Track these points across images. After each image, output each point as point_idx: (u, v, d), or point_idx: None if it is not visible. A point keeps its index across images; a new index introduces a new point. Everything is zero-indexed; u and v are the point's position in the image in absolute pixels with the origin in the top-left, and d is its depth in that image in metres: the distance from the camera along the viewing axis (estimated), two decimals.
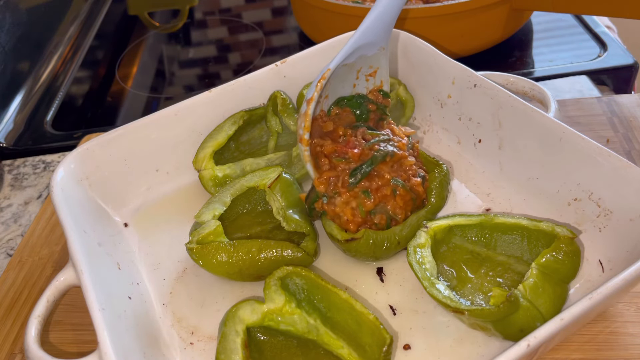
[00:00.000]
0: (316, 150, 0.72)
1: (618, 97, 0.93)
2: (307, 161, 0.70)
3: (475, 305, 0.60)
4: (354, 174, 0.68)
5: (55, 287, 0.64)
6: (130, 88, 1.25)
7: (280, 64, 0.87)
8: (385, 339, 0.58)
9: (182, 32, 1.45)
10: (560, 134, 0.69)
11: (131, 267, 0.73)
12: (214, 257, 0.67)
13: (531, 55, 1.15)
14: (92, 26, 1.47)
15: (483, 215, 0.69)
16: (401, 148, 0.71)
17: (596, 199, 0.67)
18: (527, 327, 0.51)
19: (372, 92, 0.78)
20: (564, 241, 0.63)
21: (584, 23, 1.19)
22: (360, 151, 0.69)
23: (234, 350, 0.58)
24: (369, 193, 0.68)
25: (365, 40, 0.72)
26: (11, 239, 0.88)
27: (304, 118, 0.69)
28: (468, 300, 0.63)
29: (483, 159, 0.80)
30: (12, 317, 0.72)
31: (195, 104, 0.82)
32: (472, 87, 0.79)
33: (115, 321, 0.59)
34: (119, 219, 0.80)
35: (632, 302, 0.64)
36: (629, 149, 0.84)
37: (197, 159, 0.81)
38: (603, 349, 0.61)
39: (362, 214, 0.67)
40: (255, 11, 1.49)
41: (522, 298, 0.58)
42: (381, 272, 0.70)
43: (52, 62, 1.33)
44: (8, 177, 1.01)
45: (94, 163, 0.78)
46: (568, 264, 0.62)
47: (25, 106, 1.20)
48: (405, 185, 0.68)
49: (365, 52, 0.74)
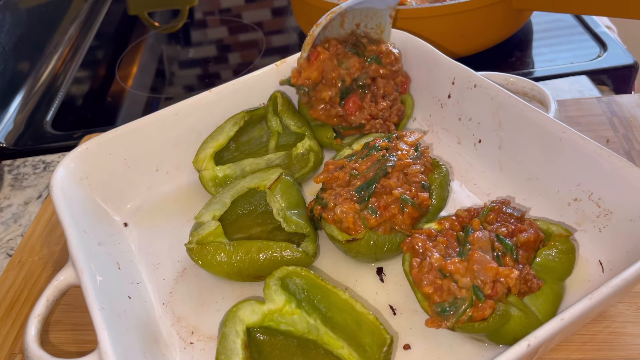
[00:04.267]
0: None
1: (618, 97, 0.93)
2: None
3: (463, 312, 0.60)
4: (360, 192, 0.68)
5: (55, 287, 0.64)
6: (130, 88, 1.25)
7: (280, 64, 0.87)
8: (385, 339, 0.58)
9: (182, 32, 1.45)
10: (560, 134, 0.69)
11: (131, 267, 0.73)
12: (213, 258, 0.67)
13: (531, 55, 1.14)
14: (92, 26, 1.47)
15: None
16: (403, 157, 0.71)
17: (596, 199, 0.67)
18: (520, 336, 0.51)
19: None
20: (559, 239, 0.63)
21: (583, 23, 1.19)
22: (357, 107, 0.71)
23: (234, 351, 0.58)
24: (376, 211, 0.67)
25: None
26: (11, 239, 0.88)
27: (308, 38, 0.80)
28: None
29: (483, 159, 0.80)
30: (12, 317, 0.72)
31: (195, 104, 0.82)
32: (472, 87, 0.79)
33: (115, 321, 0.59)
34: (118, 218, 0.80)
35: (632, 302, 0.64)
36: (629, 149, 0.84)
37: (197, 159, 0.81)
38: (603, 349, 0.61)
39: (365, 227, 0.67)
40: (255, 11, 1.49)
41: (513, 307, 0.58)
42: (381, 272, 0.70)
43: (52, 62, 1.33)
44: (8, 177, 1.01)
45: (94, 163, 0.78)
46: (564, 261, 0.62)
47: (25, 106, 1.20)
48: (414, 203, 0.67)
49: (374, 4, 0.78)
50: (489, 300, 0.57)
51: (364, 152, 0.74)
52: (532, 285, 0.59)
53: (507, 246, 0.61)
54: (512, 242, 0.62)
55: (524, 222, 0.64)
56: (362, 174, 0.70)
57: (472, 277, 0.57)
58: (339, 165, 0.73)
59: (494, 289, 0.57)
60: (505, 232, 0.62)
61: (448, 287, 0.58)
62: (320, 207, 0.70)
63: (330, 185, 0.72)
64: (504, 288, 0.58)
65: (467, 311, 0.56)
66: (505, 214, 0.65)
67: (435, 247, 0.62)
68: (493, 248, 0.60)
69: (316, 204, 0.71)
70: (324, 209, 0.70)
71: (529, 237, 0.62)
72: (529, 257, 0.62)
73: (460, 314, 0.57)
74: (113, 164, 0.79)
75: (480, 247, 0.60)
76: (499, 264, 0.59)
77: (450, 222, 0.65)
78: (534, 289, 0.60)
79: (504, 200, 0.67)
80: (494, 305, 0.56)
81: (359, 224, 0.67)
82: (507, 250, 0.61)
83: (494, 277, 0.57)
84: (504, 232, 0.62)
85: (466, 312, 0.56)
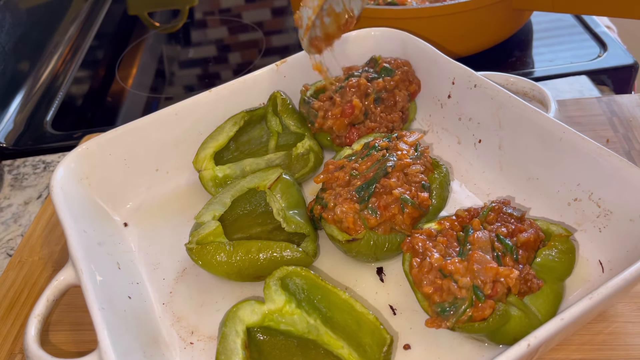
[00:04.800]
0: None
1: (618, 97, 0.93)
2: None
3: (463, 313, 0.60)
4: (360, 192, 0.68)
5: (55, 287, 0.64)
6: (130, 88, 1.25)
7: (280, 64, 0.87)
8: (385, 339, 0.58)
9: (182, 32, 1.45)
10: (560, 134, 0.69)
11: (131, 267, 0.73)
12: (213, 258, 0.67)
13: (531, 55, 1.14)
14: (92, 26, 1.47)
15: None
16: (403, 157, 0.71)
17: (596, 199, 0.67)
18: (520, 336, 0.51)
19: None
20: (559, 239, 0.63)
21: (583, 23, 1.19)
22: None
23: (234, 351, 0.58)
24: (376, 211, 0.67)
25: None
26: (11, 239, 0.88)
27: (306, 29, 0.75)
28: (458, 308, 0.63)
29: (483, 159, 0.80)
30: (12, 317, 0.72)
31: (195, 104, 0.82)
32: (472, 87, 0.79)
33: (115, 321, 0.59)
34: (118, 218, 0.80)
35: (632, 302, 0.64)
36: (628, 149, 0.84)
37: (197, 159, 0.81)
38: (603, 349, 0.61)
39: (365, 227, 0.67)
40: (255, 11, 1.49)
41: (513, 307, 0.58)
42: (381, 272, 0.70)
43: (52, 62, 1.33)
44: (8, 177, 1.01)
45: (94, 163, 0.78)
46: (564, 261, 0.62)
47: (25, 106, 1.20)
48: (414, 203, 0.67)
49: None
50: (489, 300, 0.57)
51: (364, 152, 0.74)
52: (532, 285, 0.59)
53: (507, 246, 0.61)
54: (512, 242, 0.62)
55: (524, 222, 0.64)
56: (362, 174, 0.70)
57: (472, 277, 0.57)
58: (339, 165, 0.73)
59: (494, 289, 0.57)
60: (505, 232, 0.62)
61: (448, 287, 0.58)
62: (320, 207, 0.70)
63: (330, 185, 0.72)
64: (504, 288, 0.58)
65: (467, 311, 0.56)
66: (506, 214, 0.65)
67: (435, 247, 0.62)
68: (493, 248, 0.60)
69: (316, 204, 0.71)
70: (324, 209, 0.70)
71: (529, 237, 0.62)
72: (529, 257, 0.62)
73: (460, 314, 0.57)
74: (113, 164, 0.79)
75: (480, 247, 0.60)
76: (499, 264, 0.59)
77: (451, 222, 0.65)
78: (534, 289, 0.59)
79: (504, 200, 0.67)
80: (494, 305, 0.56)
81: (359, 224, 0.67)
82: (507, 250, 0.61)
83: (494, 277, 0.57)
84: (504, 232, 0.62)
85: (466, 312, 0.56)
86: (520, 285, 0.59)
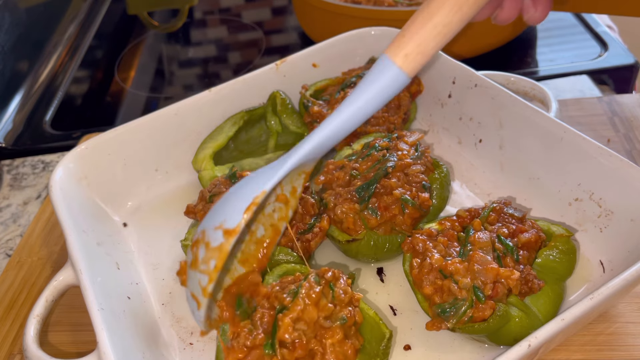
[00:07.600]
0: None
1: (619, 96, 0.93)
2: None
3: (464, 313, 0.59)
4: (360, 193, 0.67)
5: (54, 287, 0.64)
6: (129, 88, 1.25)
7: (279, 64, 0.87)
8: (384, 334, 0.58)
9: (181, 31, 1.44)
10: (561, 134, 0.69)
11: (130, 267, 0.73)
12: None
13: (532, 54, 1.14)
14: (91, 26, 1.47)
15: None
16: (403, 157, 0.70)
17: (597, 199, 0.67)
18: (521, 337, 0.51)
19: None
20: (560, 240, 0.63)
21: (584, 22, 1.19)
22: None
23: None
24: (376, 211, 0.66)
25: (306, 159, 0.58)
26: (10, 239, 0.88)
27: (217, 254, 0.50)
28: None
29: (484, 159, 0.80)
30: (11, 317, 0.72)
31: (194, 104, 0.82)
32: (473, 87, 0.79)
33: (114, 321, 0.59)
34: (118, 218, 0.80)
35: (634, 303, 0.64)
36: (629, 148, 0.84)
37: (196, 159, 0.80)
38: (604, 350, 0.61)
39: (366, 227, 0.67)
40: (255, 11, 1.49)
41: (513, 307, 0.58)
42: (381, 273, 0.70)
43: (51, 62, 1.33)
44: (7, 177, 1.00)
45: (93, 163, 0.77)
46: (565, 262, 0.62)
47: (25, 106, 1.20)
48: (415, 203, 0.66)
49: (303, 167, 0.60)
50: (490, 300, 0.56)
51: (364, 152, 0.74)
52: (533, 286, 0.59)
53: (508, 247, 0.61)
54: (513, 242, 0.61)
55: (525, 223, 0.64)
56: (362, 174, 0.70)
57: (473, 277, 0.57)
58: (339, 165, 0.73)
59: (494, 289, 0.57)
60: (506, 232, 0.62)
61: (448, 287, 0.58)
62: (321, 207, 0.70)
63: (331, 185, 0.72)
64: (505, 289, 0.57)
65: (468, 312, 0.56)
66: (506, 215, 0.65)
67: (435, 248, 0.62)
68: (494, 248, 0.60)
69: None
70: (324, 209, 0.69)
71: (530, 238, 0.62)
72: (529, 257, 0.62)
73: (461, 314, 0.56)
74: (112, 164, 0.79)
75: (481, 248, 0.60)
76: (500, 264, 0.59)
77: (451, 223, 0.65)
78: (534, 290, 0.59)
79: (505, 201, 0.67)
80: (494, 305, 0.56)
81: (359, 224, 0.66)
82: (508, 250, 0.60)
83: (495, 278, 0.57)
84: (504, 233, 0.62)
85: (466, 313, 0.56)
86: (521, 285, 0.58)
